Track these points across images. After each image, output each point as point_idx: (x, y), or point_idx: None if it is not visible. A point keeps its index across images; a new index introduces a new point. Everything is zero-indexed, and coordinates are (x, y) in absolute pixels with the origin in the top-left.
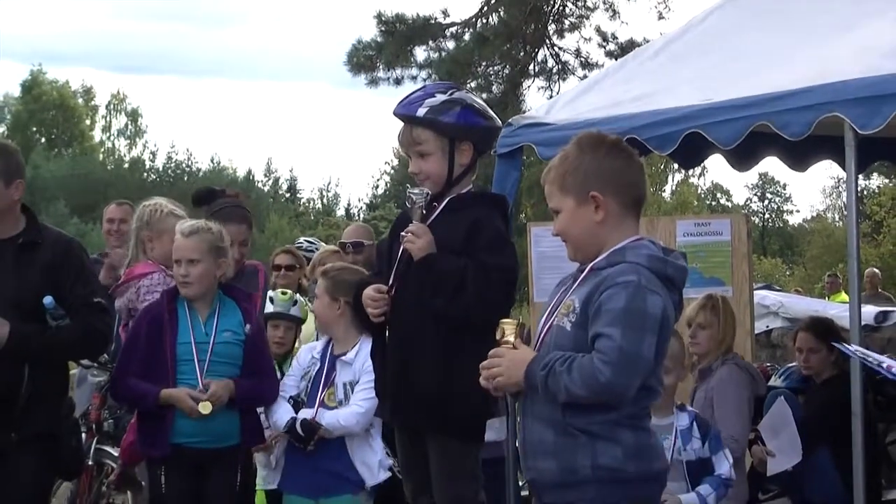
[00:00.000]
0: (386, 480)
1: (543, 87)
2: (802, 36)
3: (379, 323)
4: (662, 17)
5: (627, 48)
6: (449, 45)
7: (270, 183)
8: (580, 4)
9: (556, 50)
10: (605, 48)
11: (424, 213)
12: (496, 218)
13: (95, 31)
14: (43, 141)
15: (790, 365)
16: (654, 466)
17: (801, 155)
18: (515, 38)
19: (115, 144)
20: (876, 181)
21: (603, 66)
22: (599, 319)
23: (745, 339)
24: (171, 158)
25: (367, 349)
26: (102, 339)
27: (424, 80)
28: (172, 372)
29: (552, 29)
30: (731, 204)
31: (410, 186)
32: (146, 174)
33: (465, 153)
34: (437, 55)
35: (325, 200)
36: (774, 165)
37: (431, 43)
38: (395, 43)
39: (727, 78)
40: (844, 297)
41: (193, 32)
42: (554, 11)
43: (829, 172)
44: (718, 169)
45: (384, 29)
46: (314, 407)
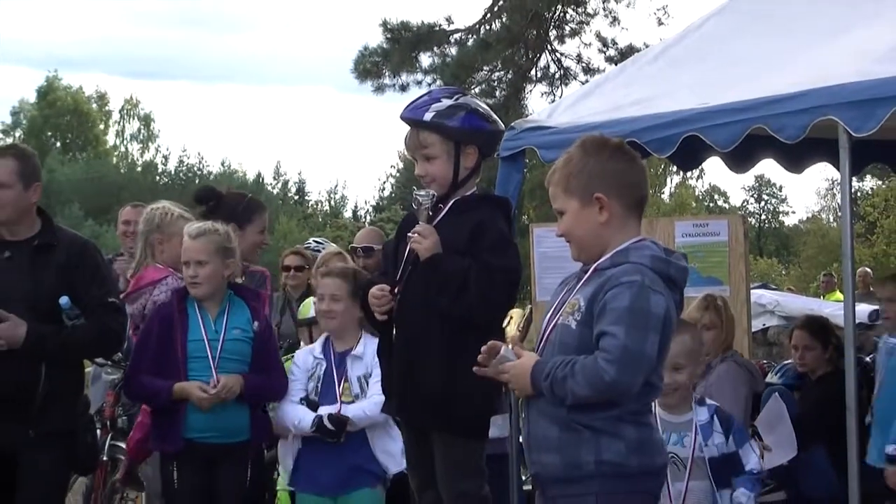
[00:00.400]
0: (393, 476)
1: (545, 91)
2: (798, 40)
3: (385, 322)
4: (662, 23)
5: (627, 53)
6: (453, 51)
7: (279, 186)
8: (581, 11)
9: (557, 55)
10: (605, 53)
11: (430, 214)
12: (500, 219)
13: (109, 37)
14: (58, 145)
15: (786, 362)
16: (656, 461)
17: (796, 157)
18: (518, 43)
19: (128, 148)
20: (869, 183)
21: (603, 70)
22: (604, 318)
23: (742, 336)
24: (182, 162)
25: (371, 343)
26: (117, 338)
27: (429, 85)
28: (184, 369)
29: (553, 35)
30: (728, 205)
31: (417, 188)
32: (158, 177)
33: (470, 156)
34: (441, 61)
35: (332, 203)
36: (770, 167)
37: (436, 49)
38: (400, 49)
39: (724, 82)
40: (839, 295)
41: (204, 39)
42: (555, 18)
43: (823, 174)
44: (716, 171)
45: (390, 36)
46: (333, 403)
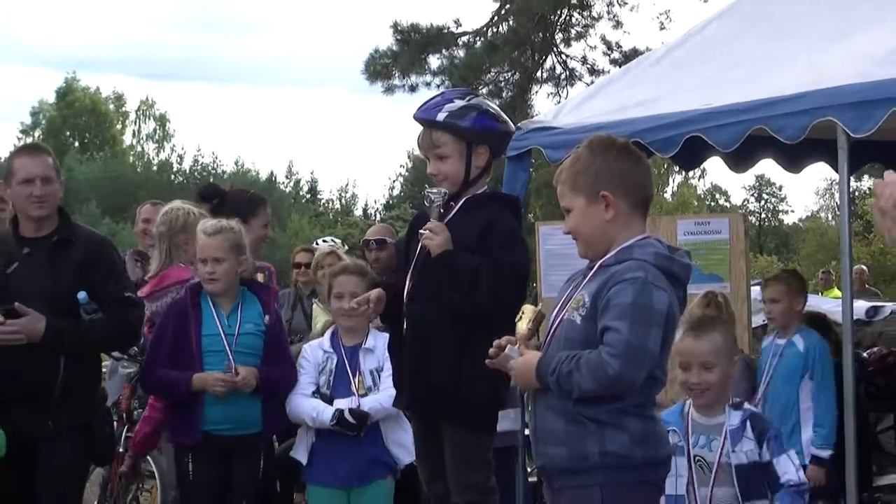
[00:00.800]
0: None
1: (551, 92)
2: (798, 43)
3: (395, 318)
4: (664, 27)
5: (631, 56)
6: (461, 53)
7: (291, 184)
8: (586, 14)
9: (563, 57)
10: (609, 56)
11: (442, 211)
12: (509, 217)
13: (126, 40)
14: (76, 145)
15: None
16: (659, 452)
17: (795, 157)
18: (524, 46)
19: (144, 148)
20: (867, 182)
21: (608, 72)
22: (608, 313)
23: (742, 332)
24: (197, 161)
25: (380, 337)
26: (133, 332)
27: (438, 86)
28: (199, 362)
29: (559, 37)
30: (729, 204)
31: (428, 187)
32: (173, 176)
33: (481, 156)
34: (450, 63)
35: (343, 201)
36: (770, 167)
37: (445, 51)
38: (410, 51)
39: (726, 84)
40: (837, 292)
41: (218, 41)
42: (561, 21)
43: (822, 174)
44: (717, 171)
45: (400, 38)
46: (345, 396)
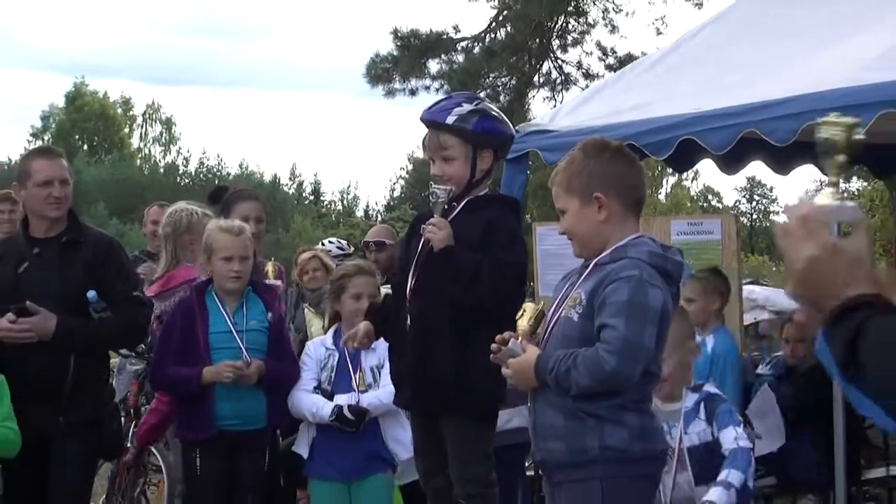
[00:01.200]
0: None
1: (548, 97)
2: (789, 48)
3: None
4: (660, 32)
5: (626, 61)
6: (460, 58)
7: (295, 186)
8: (582, 21)
9: (559, 62)
10: (604, 61)
11: (446, 208)
12: (510, 218)
13: (133, 46)
14: (85, 148)
15: (776, 354)
16: (657, 447)
17: (784, 159)
18: (521, 51)
19: (150, 151)
20: (855, 184)
21: (603, 77)
22: (604, 311)
23: (735, 331)
24: (202, 164)
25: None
26: (141, 330)
27: (437, 90)
28: (207, 360)
29: (556, 43)
30: (721, 205)
31: (433, 185)
32: (179, 178)
33: (485, 159)
34: (448, 68)
35: (345, 202)
36: (760, 169)
37: (444, 56)
38: (410, 56)
39: (718, 88)
40: None
41: (223, 46)
42: (557, 27)
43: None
44: (709, 173)
45: (400, 43)
46: (349, 393)
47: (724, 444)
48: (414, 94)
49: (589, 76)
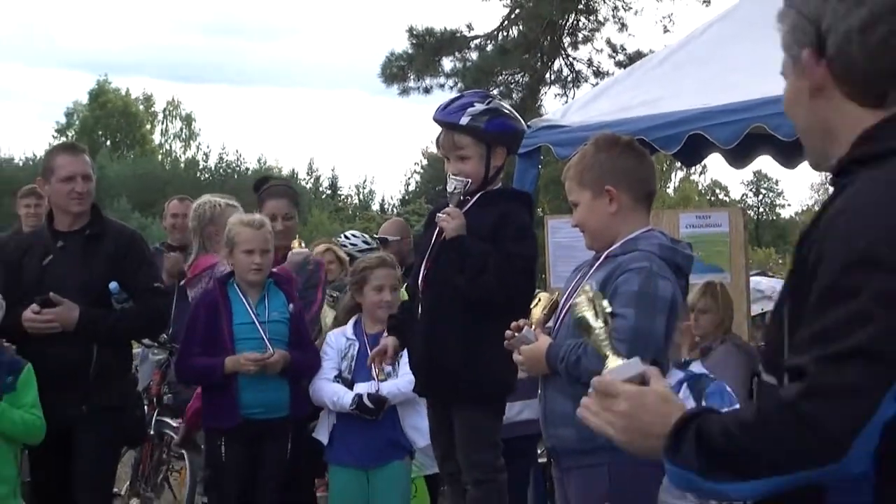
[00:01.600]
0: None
1: (559, 93)
2: None
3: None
4: (668, 30)
5: (635, 58)
6: (473, 55)
7: (312, 181)
8: (592, 19)
9: (570, 60)
10: (614, 58)
11: (461, 199)
12: (522, 212)
13: (155, 44)
14: (108, 143)
15: None
16: None
17: (791, 154)
18: (533, 49)
19: (171, 146)
20: None
21: (613, 74)
22: (615, 301)
23: (742, 321)
24: (222, 159)
25: None
26: (162, 320)
27: (451, 88)
28: (232, 350)
29: (567, 41)
30: (728, 199)
31: (449, 178)
32: (199, 173)
33: (499, 156)
34: (462, 65)
35: (361, 197)
36: (767, 163)
37: (457, 54)
38: (424, 54)
39: (725, 84)
40: None
41: (243, 46)
42: (568, 25)
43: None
44: (717, 167)
45: (415, 42)
46: (369, 381)
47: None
48: (428, 91)
49: (599, 73)
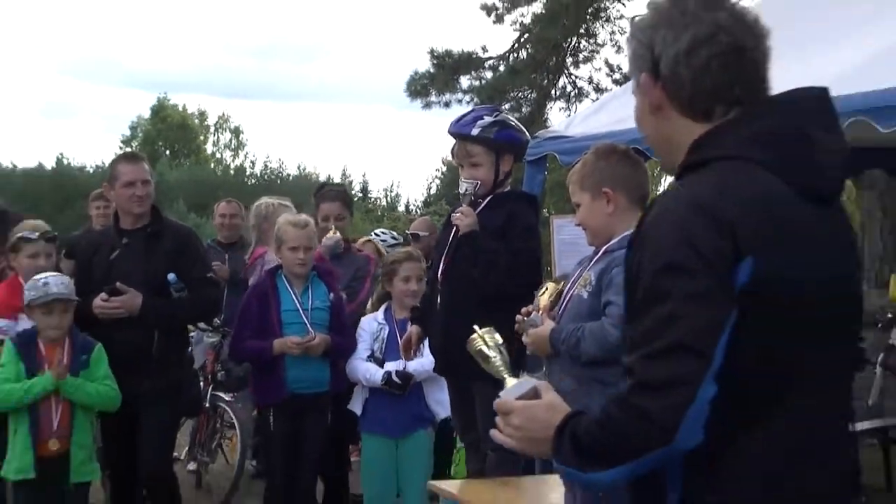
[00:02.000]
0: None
1: (563, 107)
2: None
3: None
4: None
5: (628, 78)
6: (488, 74)
7: (346, 185)
8: (592, 42)
9: (573, 78)
10: (612, 77)
11: (473, 199)
12: (528, 212)
13: (208, 65)
14: (167, 153)
15: None
16: None
17: None
18: (541, 69)
19: (222, 155)
20: None
21: (611, 90)
22: (610, 290)
23: None
24: (266, 166)
25: None
26: (214, 306)
27: (468, 103)
28: (279, 334)
29: (570, 61)
30: None
31: (461, 182)
32: (246, 179)
33: (507, 162)
34: (478, 83)
35: (389, 199)
36: None
37: (473, 73)
38: (444, 73)
39: None
40: None
41: (283, 66)
42: (571, 48)
43: None
44: None
45: (436, 62)
46: (397, 360)
47: None
48: (448, 106)
49: (599, 89)
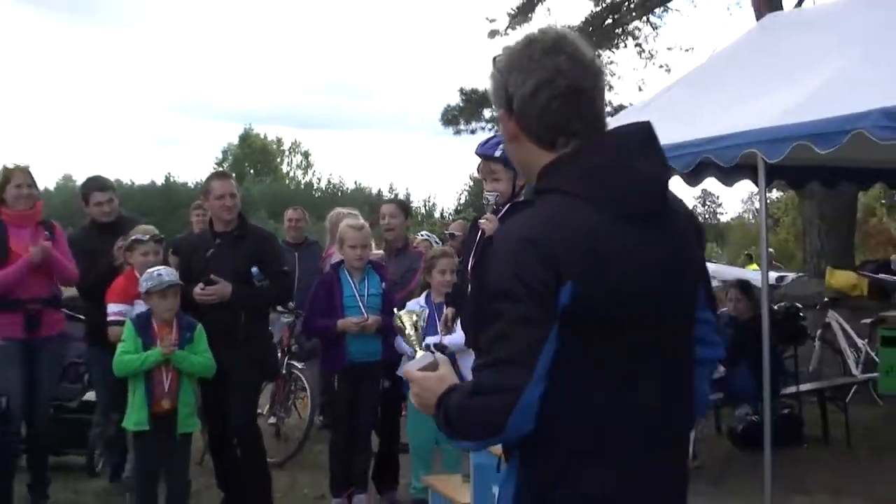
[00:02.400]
0: None
1: None
2: (733, 99)
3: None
4: (641, 89)
5: (618, 109)
6: None
7: (392, 197)
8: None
9: None
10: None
11: (495, 208)
12: None
13: (284, 101)
14: (252, 172)
15: (722, 309)
16: None
17: (729, 176)
18: None
19: (294, 174)
20: (776, 193)
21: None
22: None
23: None
24: (329, 182)
25: None
26: (288, 293)
27: (490, 130)
28: (342, 315)
29: None
30: None
31: (485, 194)
32: (314, 192)
33: (522, 178)
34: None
35: (427, 208)
36: (712, 183)
37: (494, 107)
38: (471, 107)
39: (684, 126)
40: (755, 266)
41: (343, 102)
42: None
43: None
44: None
45: (464, 97)
46: (436, 335)
47: None
48: (474, 133)
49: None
